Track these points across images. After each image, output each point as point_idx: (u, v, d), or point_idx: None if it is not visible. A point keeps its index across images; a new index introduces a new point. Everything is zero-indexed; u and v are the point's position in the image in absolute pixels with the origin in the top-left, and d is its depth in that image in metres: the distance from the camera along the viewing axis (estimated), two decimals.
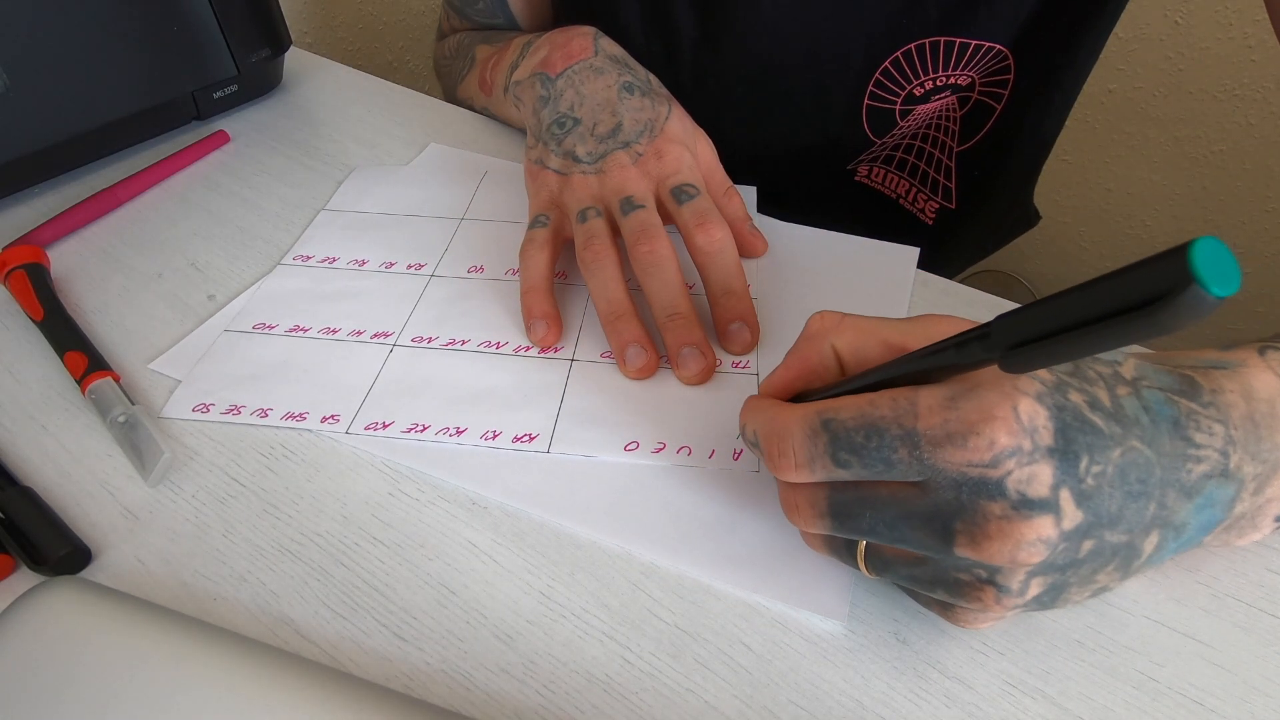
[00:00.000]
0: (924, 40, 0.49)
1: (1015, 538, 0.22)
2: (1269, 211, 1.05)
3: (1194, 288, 0.15)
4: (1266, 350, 0.27)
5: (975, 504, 0.22)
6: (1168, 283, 0.16)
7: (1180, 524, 0.24)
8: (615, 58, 0.45)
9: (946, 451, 0.22)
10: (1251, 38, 0.93)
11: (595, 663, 0.28)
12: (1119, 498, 0.23)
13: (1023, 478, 0.22)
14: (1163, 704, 0.27)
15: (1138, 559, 0.24)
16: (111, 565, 0.31)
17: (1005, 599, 0.24)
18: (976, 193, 0.59)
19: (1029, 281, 1.26)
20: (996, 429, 0.22)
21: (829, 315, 0.28)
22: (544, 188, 0.43)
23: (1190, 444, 0.24)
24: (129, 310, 0.42)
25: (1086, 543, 0.23)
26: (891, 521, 0.24)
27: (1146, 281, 0.16)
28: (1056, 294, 0.18)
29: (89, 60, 0.48)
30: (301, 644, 0.28)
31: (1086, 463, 0.22)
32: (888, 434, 0.23)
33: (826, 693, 0.27)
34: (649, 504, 0.32)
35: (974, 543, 0.23)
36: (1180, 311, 0.16)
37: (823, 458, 0.25)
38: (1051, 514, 0.22)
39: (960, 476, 0.22)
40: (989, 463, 0.22)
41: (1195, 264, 0.15)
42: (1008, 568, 0.23)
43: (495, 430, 0.35)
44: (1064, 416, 0.22)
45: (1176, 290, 0.15)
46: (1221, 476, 0.24)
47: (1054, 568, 0.23)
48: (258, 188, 0.51)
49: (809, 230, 0.46)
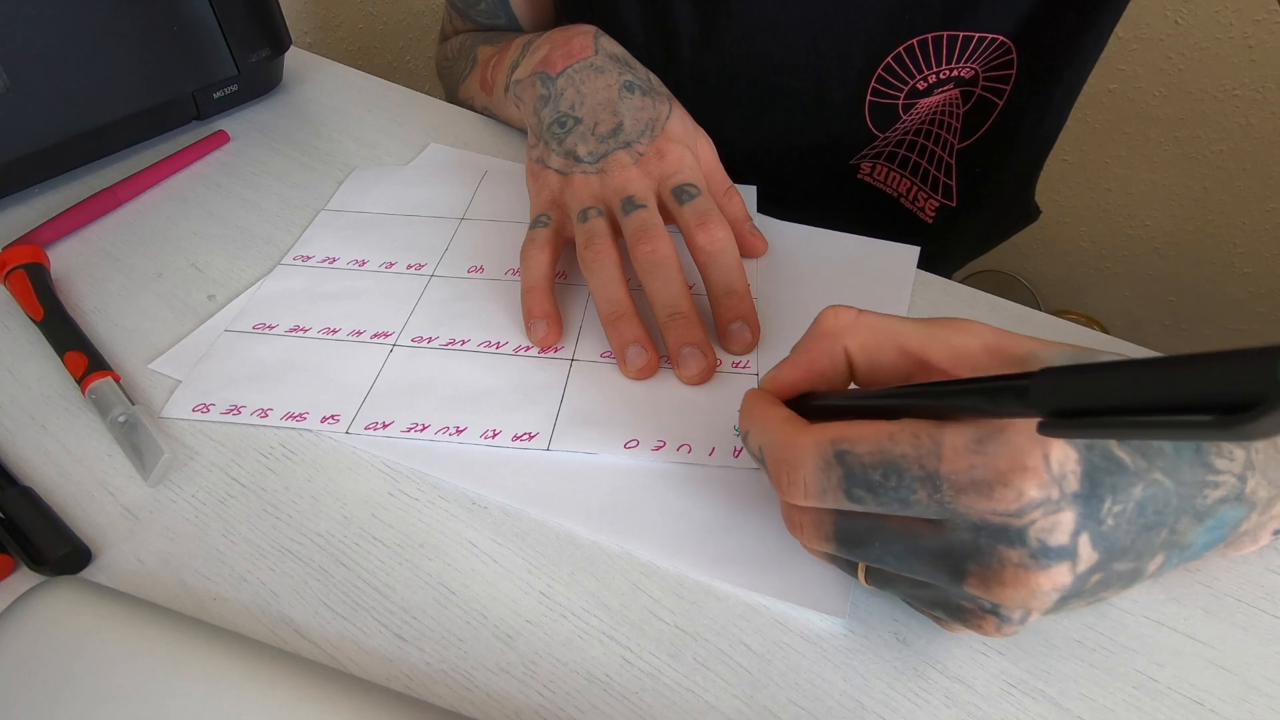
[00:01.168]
0: (926, 35, 0.49)
1: (1031, 587, 0.21)
2: (1269, 211, 1.05)
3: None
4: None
5: (993, 549, 0.21)
6: (1259, 387, 0.13)
7: (1187, 544, 0.23)
8: (616, 56, 0.45)
9: (970, 498, 0.21)
10: (1251, 38, 0.93)
11: (595, 663, 0.28)
12: (1134, 531, 0.22)
13: (1046, 526, 0.21)
14: (1163, 704, 0.27)
15: (1140, 578, 0.23)
16: (111, 565, 0.31)
17: (1006, 627, 0.23)
18: (977, 190, 0.59)
19: (1029, 281, 1.26)
20: (1027, 480, 0.20)
21: (843, 312, 0.26)
22: (545, 187, 0.43)
23: (1210, 470, 0.23)
24: (129, 310, 0.42)
25: (1095, 576, 0.22)
26: (900, 554, 0.23)
27: (1231, 380, 0.14)
28: (1113, 363, 0.16)
29: (89, 60, 0.48)
30: (301, 644, 0.28)
31: (1109, 504, 0.21)
32: (908, 474, 0.22)
33: (826, 693, 0.27)
34: (649, 503, 0.32)
35: (986, 586, 0.22)
36: (1267, 426, 0.13)
37: (835, 491, 0.23)
38: (1069, 561, 0.21)
39: (981, 522, 0.21)
40: (1014, 513, 0.21)
41: None
42: (1020, 610, 0.22)
43: (495, 430, 0.35)
44: (1092, 457, 0.21)
45: (1272, 400, 0.13)
46: (1236, 501, 0.23)
47: (1060, 602, 0.23)
48: (258, 188, 0.51)
49: (809, 230, 0.46)
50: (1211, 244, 1.11)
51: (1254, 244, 1.08)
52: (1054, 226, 1.20)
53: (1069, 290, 1.25)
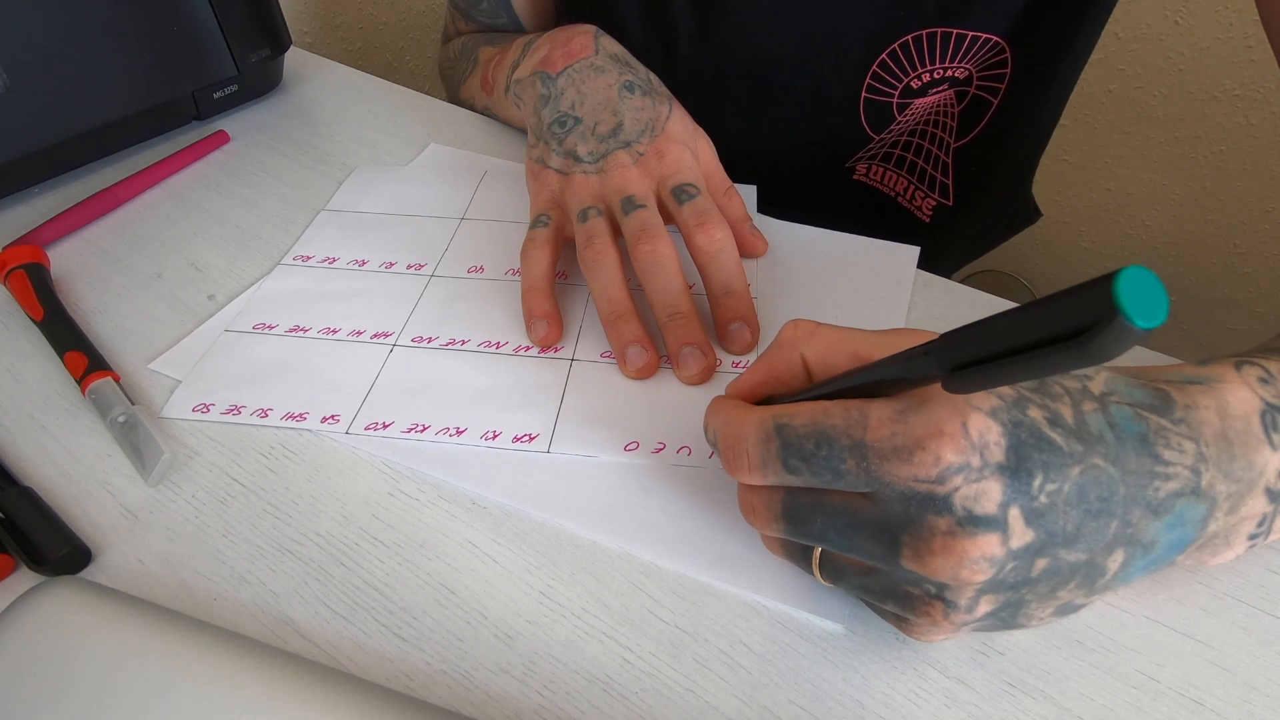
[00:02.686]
0: (921, 32, 0.49)
1: (959, 554, 0.22)
2: (1269, 211, 1.05)
3: (1119, 320, 0.15)
4: (1243, 365, 0.26)
5: (922, 518, 0.22)
6: (1093, 314, 0.15)
7: (1149, 542, 0.24)
8: (616, 56, 0.45)
9: (893, 465, 0.22)
10: (1251, 38, 0.93)
11: (595, 663, 0.28)
12: (1076, 516, 0.22)
13: (970, 494, 0.22)
14: (1163, 704, 0.27)
15: (1102, 576, 0.24)
16: (111, 565, 0.31)
17: (953, 614, 0.23)
18: (974, 188, 0.59)
19: (1029, 281, 1.26)
20: (943, 445, 0.22)
21: (802, 324, 0.27)
22: (545, 187, 0.43)
23: (1158, 461, 0.23)
24: (129, 310, 0.42)
25: (1040, 561, 0.22)
26: (842, 529, 0.24)
27: (1074, 311, 0.16)
28: (996, 316, 0.18)
29: (89, 60, 0.48)
30: (301, 644, 0.28)
31: (1041, 480, 0.22)
32: (837, 443, 0.23)
33: (826, 693, 0.27)
34: (649, 504, 0.32)
35: (918, 557, 0.22)
36: (1106, 344, 0.15)
37: (774, 462, 0.25)
38: (998, 532, 0.22)
39: (908, 490, 0.22)
40: (935, 479, 0.22)
41: (1120, 295, 0.15)
42: (955, 584, 0.23)
43: (495, 430, 0.35)
44: (1019, 433, 0.22)
45: (1103, 323, 0.15)
46: (1193, 495, 0.24)
47: (1004, 585, 0.23)
48: (258, 188, 0.51)
49: (809, 230, 0.46)
50: (1211, 244, 1.11)
51: (1254, 244, 1.08)
52: (1054, 226, 1.20)
53: None
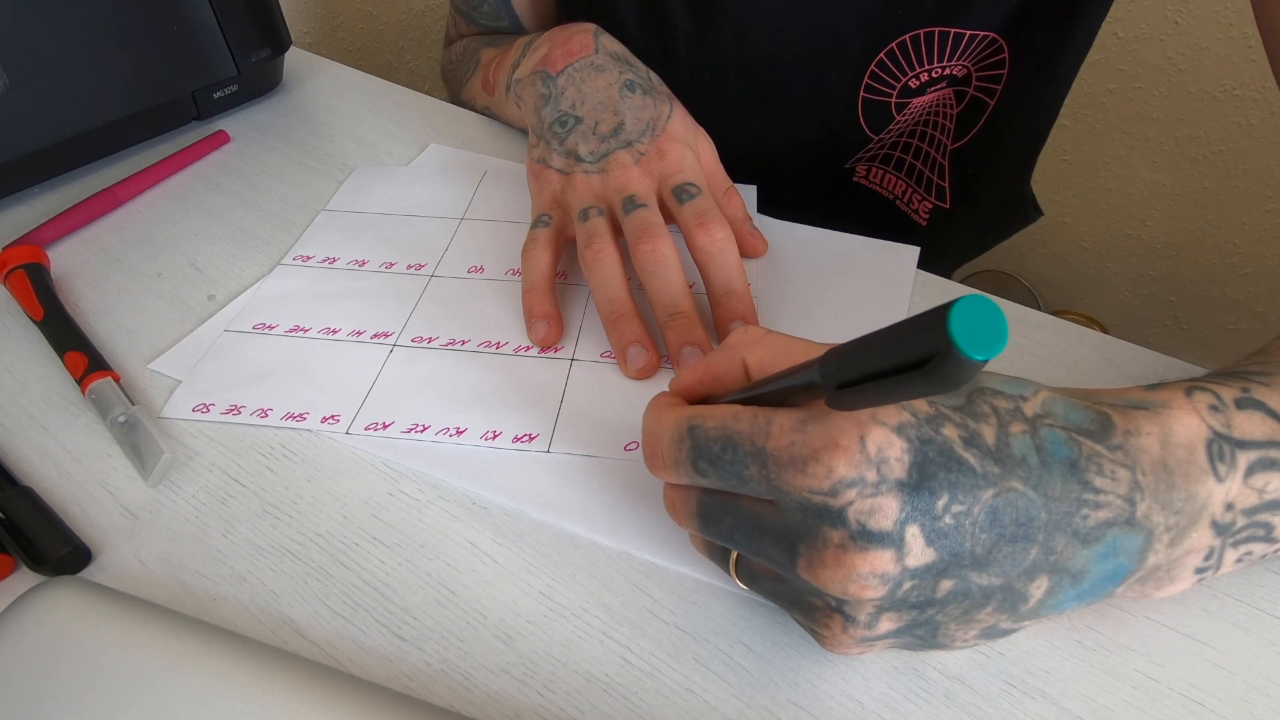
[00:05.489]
0: (919, 30, 0.49)
1: (849, 568, 0.22)
2: (1269, 211, 1.05)
3: (954, 352, 0.15)
4: (1194, 391, 0.25)
5: (818, 529, 0.22)
6: (933, 345, 0.15)
7: (1078, 571, 0.23)
8: (616, 54, 0.45)
9: (789, 474, 0.22)
10: (1251, 38, 0.93)
11: (595, 663, 0.28)
12: (988, 540, 0.22)
13: (864, 509, 0.21)
14: (1163, 704, 0.27)
15: (1024, 603, 0.23)
16: (111, 565, 0.31)
17: (852, 629, 0.23)
18: (970, 189, 0.59)
19: (1029, 281, 1.26)
20: (836, 458, 0.21)
21: (751, 330, 0.27)
22: (546, 187, 0.43)
23: (1088, 488, 0.23)
24: (129, 310, 0.42)
25: (945, 582, 0.22)
26: (748, 533, 0.24)
27: (918, 340, 0.16)
28: (869, 336, 0.18)
29: (89, 60, 0.48)
30: (301, 644, 0.28)
31: (946, 500, 0.21)
32: (741, 449, 0.23)
33: (826, 693, 0.27)
34: (649, 504, 0.32)
35: (811, 568, 0.22)
36: (949, 374, 0.15)
37: (685, 463, 0.25)
38: (893, 549, 0.21)
39: (804, 501, 0.22)
40: (828, 491, 0.22)
41: (953, 328, 0.15)
42: (848, 598, 0.22)
43: (495, 430, 0.35)
44: (926, 450, 0.22)
45: (940, 354, 0.15)
46: (1126, 525, 0.23)
47: (906, 604, 0.23)
48: (258, 188, 0.51)
49: (809, 230, 0.46)
50: (1211, 244, 1.11)
51: (1254, 244, 1.08)
52: (1054, 226, 1.20)
53: (1069, 290, 1.25)
